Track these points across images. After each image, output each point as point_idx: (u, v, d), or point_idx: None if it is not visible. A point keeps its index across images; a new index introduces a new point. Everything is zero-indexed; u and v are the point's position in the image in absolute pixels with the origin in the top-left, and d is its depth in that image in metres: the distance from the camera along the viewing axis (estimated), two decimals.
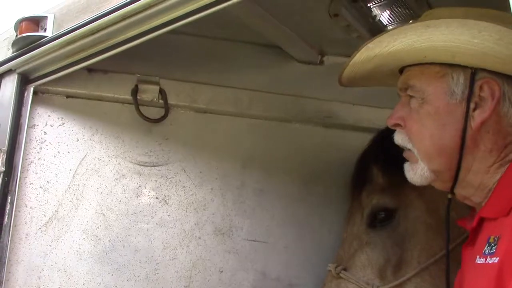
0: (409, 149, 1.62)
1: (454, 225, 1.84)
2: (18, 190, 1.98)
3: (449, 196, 1.62)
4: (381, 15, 2.11)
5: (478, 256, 1.44)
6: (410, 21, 2.09)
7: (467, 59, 1.51)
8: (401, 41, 1.55)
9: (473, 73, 1.53)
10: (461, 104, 1.53)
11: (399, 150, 1.68)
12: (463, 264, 1.62)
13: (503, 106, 1.52)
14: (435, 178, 1.60)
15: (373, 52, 1.63)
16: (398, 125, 1.65)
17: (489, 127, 1.52)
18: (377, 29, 2.14)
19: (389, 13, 2.11)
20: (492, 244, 1.40)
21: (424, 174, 1.59)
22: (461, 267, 1.64)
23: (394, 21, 2.13)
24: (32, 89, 2.05)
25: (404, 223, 1.99)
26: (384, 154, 2.03)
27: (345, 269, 2.02)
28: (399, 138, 1.65)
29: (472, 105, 1.52)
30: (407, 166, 1.66)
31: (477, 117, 1.52)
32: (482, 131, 1.52)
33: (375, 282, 1.95)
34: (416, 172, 1.61)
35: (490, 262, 1.37)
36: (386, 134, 2.08)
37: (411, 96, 1.62)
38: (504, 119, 1.52)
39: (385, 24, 2.15)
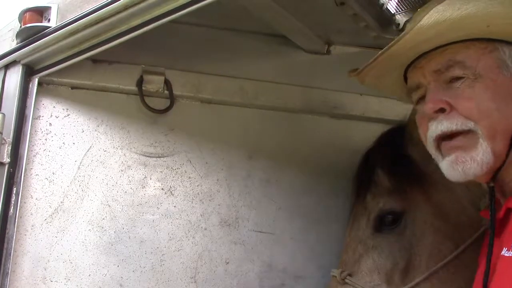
0: (467, 130, 1.43)
1: (464, 227, 1.81)
2: (23, 181, 1.97)
3: (492, 184, 1.48)
4: (388, 3, 2.07)
5: (505, 249, 1.38)
6: (419, 10, 2.05)
7: None
8: (474, 4, 1.39)
9: None
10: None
11: (405, 152, 1.60)
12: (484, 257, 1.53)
13: None
14: (493, 163, 1.42)
15: (444, 15, 1.41)
16: (441, 110, 1.46)
17: None
18: (385, 18, 2.11)
19: (397, 1, 2.07)
20: None
21: (487, 157, 1.41)
22: (481, 261, 1.57)
23: (402, 9, 2.09)
24: (36, 80, 2.04)
25: (411, 227, 1.94)
26: (390, 156, 1.98)
27: (350, 275, 1.97)
28: (449, 123, 1.45)
29: None
30: (456, 158, 1.45)
31: None
32: None
33: None
34: (477, 158, 1.41)
35: None
36: (389, 136, 2.05)
37: (454, 79, 1.47)
38: None
39: (393, 12, 2.11)
